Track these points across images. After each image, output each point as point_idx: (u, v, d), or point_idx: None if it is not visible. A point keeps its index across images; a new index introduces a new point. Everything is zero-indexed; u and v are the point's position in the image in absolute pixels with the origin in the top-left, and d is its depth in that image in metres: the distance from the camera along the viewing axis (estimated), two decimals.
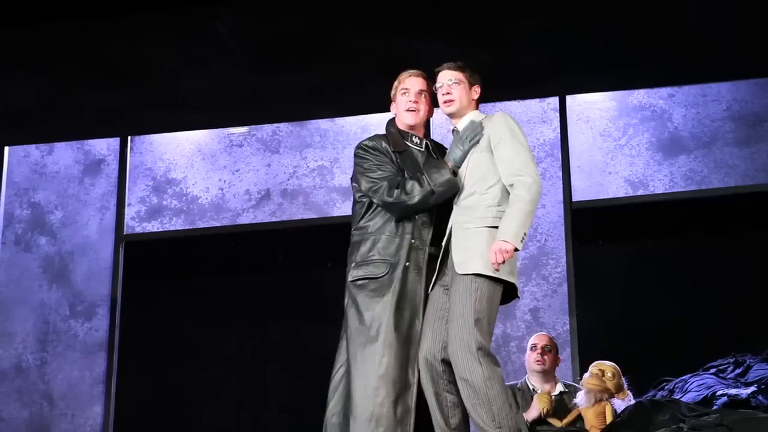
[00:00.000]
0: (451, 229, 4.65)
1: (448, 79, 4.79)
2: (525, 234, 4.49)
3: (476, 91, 4.83)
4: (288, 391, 8.06)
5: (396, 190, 4.67)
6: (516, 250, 4.45)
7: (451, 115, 4.83)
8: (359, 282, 4.72)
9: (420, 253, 4.71)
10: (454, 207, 4.69)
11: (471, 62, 4.89)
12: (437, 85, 4.82)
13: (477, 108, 4.86)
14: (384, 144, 4.83)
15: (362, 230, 4.81)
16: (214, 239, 8.48)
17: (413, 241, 4.70)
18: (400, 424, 4.51)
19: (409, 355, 4.59)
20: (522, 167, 4.57)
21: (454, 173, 4.67)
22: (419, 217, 4.73)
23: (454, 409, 4.56)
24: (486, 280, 4.49)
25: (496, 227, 4.53)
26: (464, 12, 7.11)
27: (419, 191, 4.66)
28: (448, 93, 4.77)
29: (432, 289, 4.68)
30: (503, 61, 4.87)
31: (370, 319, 4.64)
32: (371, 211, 4.81)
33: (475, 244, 4.52)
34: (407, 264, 4.67)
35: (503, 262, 4.43)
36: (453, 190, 4.68)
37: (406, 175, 4.75)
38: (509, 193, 4.58)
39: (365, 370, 4.59)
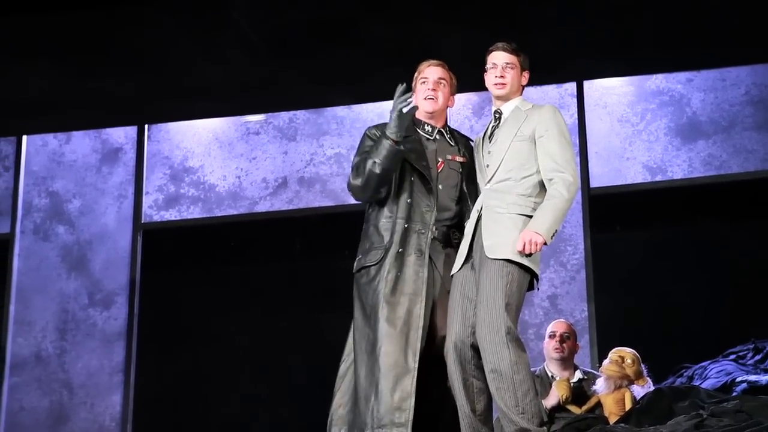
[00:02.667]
0: (480, 211, 4.62)
1: (504, 61, 4.74)
2: (557, 231, 4.51)
3: (525, 76, 4.80)
4: (306, 379, 8.07)
5: (351, 174, 4.73)
6: (545, 243, 4.44)
7: (497, 97, 4.79)
8: (360, 271, 4.73)
9: (422, 237, 4.67)
10: (484, 189, 4.65)
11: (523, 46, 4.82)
12: (488, 65, 4.77)
13: (522, 93, 4.82)
14: (381, 129, 4.82)
15: (366, 221, 4.84)
16: (231, 227, 8.49)
17: (407, 224, 4.67)
18: (398, 410, 4.48)
19: (408, 341, 4.54)
20: (565, 165, 4.56)
21: (397, 143, 4.63)
22: (417, 201, 4.72)
23: (480, 395, 4.54)
24: (517, 267, 4.47)
25: (530, 216, 4.52)
26: None
27: (363, 169, 4.67)
28: (502, 76, 4.73)
29: (459, 270, 4.64)
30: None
31: (369, 307, 4.64)
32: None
33: (508, 230, 4.50)
34: (400, 250, 4.64)
35: (530, 253, 4.42)
36: (396, 156, 4.64)
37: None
38: (544, 187, 4.57)
39: (366, 359, 4.59)
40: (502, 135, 4.69)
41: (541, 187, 4.60)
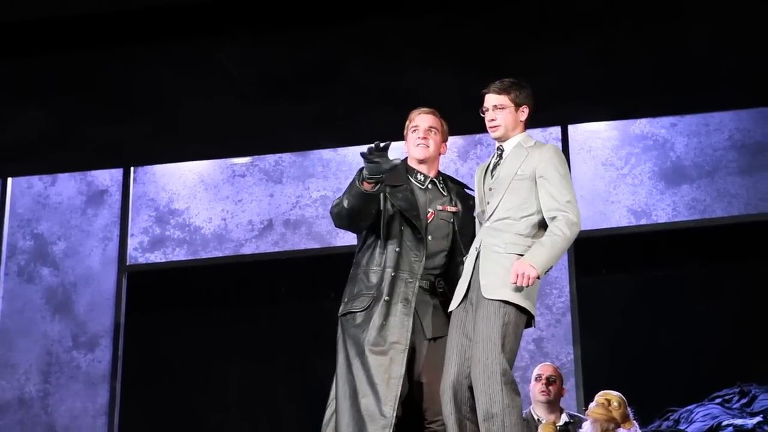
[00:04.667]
0: (479, 249, 4.60)
1: (493, 104, 4.68)
2: (551, 267, 4.48)
3: (524, 111, 4.70)
4: (291, 421, 8.03)
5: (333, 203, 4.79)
6: (537, 278, 4.43)
7: (497, 139, 4.76)
8: (346, 316, 4.71)
9: (409, 286, 4.66)
10: (483, 226, 4.62)
11: (521, 83, 4.70)
12: (483, 108, 4.72)
13: (525, 128, 4.75)
14: None
15: (354, 265, 4.83)
16: (216, 270, 8.47)
17: (394, 273, 4.67)
18: None
19: (389, 388, 4.52)
20: (568, 206, 4.51)
21: (371, 184, 4.60)
22: (407, 250, 4.72)
23: None
24: (513, 308, 4.43)
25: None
26: (467, 42, 7.13)
27: (339, 201, 4.73)
28: (493, 119, 4.68)
29: (457, 308, 4.59)
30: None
31: (353, 354, 4.62)
32: (363, 246, 4.82)
33: (505, 270, 4.45)
34: (387, 298, 4.64)
35: (524, 285, 4.40)
36: (358, 197, 4.62)
37: (392, 205, 4.76)
38: (543, 227, 4.53)
39: (348, 406, 4.58)
40: (503, 173, 4.64)
41: (540, 227, 4.55)
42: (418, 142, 4.88)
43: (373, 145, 4.51)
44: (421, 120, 4.91)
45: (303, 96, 7.70)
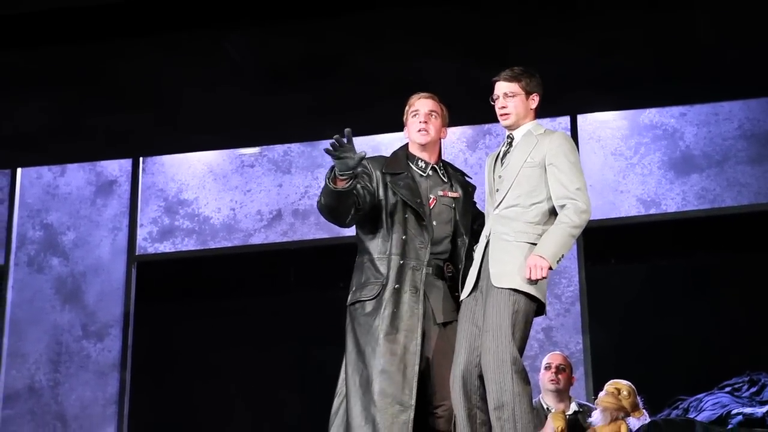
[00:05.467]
0: (489, 237, 4.59)
1: (503, 91, 4.68)
2: (563, 256, 4.45)
3: (534, 99, 4.70)
4: (300, 411, 8.04)
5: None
6: (550, 268, 4.42)
7: (506, 127, 4.75)
8: (355, 305, 4.73)
9: (416, 274, 4.67)
10: (492, 215, 4.61)
11: (529, 71, 4.71)
12: (493, 96, 4.72)
13: (535, 117, 4.74)
14: (372, 163, 4.82)
15: (360, 253, 4.84)
16: (225, 260, 8.48)
17: (402, 261, 4.68)
18: None
19: (405, 377, 4.54)
20: (577, 192, 4.51)
21: (344, 181, 4.56)
22: (412, 237, 4.72)
23: (482, 426, 4.49)
24: (523, 296, 4.43)
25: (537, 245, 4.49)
26: (474, 32, 7.12)
27: (318, 199, 4.73)
28: (504, 107, 4.68)
29: (468, 296, 4.60)
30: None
31: (364, 343, 4.63)
32: (367, 233, 4.82)
33: (514, 258, 4.46)
34: (396, 286, 4.64)
35: (538, 279, 4.40)
36: (331, 195, 4.61)
37: (394, 193, 4.76)
38: (553, 215, 4.53)
39: (361, 394, 4.58)
40: (513, 160, 4.63)
41: (550, 214, 4.55)
42: (419, 126, 4.87)
43: (335, 141, 4.48)
44: (421, 104, 4.90)
45: (310, 85, 7.70)
